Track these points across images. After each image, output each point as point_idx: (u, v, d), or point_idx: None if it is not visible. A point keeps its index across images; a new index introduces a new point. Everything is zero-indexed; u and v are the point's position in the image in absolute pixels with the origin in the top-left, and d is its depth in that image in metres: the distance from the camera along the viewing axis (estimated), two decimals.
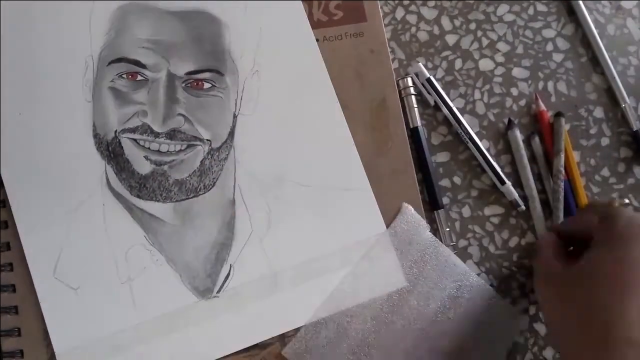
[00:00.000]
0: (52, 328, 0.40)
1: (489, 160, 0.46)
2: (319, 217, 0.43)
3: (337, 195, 0.43)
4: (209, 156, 0.43)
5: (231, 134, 0.43)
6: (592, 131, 0.48)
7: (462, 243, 0.46)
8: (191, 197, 0.42)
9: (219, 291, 0.41)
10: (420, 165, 0.46)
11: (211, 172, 0.43)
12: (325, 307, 0.42)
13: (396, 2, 0.49)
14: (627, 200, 0.46)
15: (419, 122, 0.46)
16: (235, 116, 0.44)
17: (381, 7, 0.48)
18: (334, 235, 0.43)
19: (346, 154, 0.44)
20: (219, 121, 0.43)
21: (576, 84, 0.49)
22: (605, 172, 0.48)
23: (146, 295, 0.41)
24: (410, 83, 0.46)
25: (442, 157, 0.47)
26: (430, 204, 0.45)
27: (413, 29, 0.49)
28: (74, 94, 0.43)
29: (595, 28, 0.49)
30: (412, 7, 0.49)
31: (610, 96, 0.49)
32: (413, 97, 0.46)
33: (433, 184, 0.45)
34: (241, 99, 0.44)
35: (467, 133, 0.46)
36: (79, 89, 0.43)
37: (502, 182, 0.46)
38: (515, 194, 0.46)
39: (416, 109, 0.46)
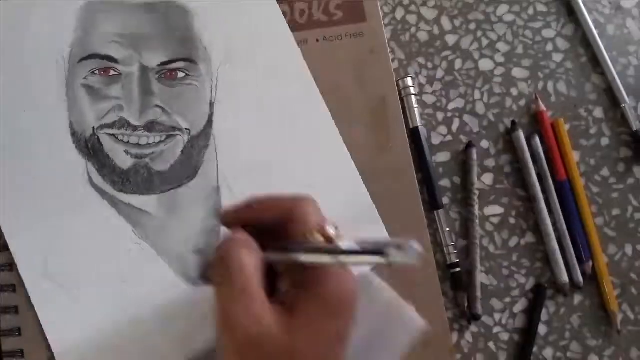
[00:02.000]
0: (47, 328, 0.40)
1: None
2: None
3: (321, 181, 0.43)
4: (189, 145, 0.43)
5: (209, 121, 0.43)
6: (592, 131, 0.48)
7: (462, 243, 0.46)
8: (175, 188, 0.42)
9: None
10: (420, 165, 0.46)
11: (193, 161, 0.43)
12: None
13: (396, 2, 0.49)
14: (333, 230, 0.30)
15: (419, 122, 0.46)
16: (212, 104, 0.44)
17: (381, 7, 0.48)
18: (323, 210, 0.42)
19: (327, 136, 0.44)
20: (196, 109, 0.43)
21: (576, 84, 0.49)
22: (605, 172, 0.48)
23: (139, 288, 0.41)
24: (410, 83, 0.46)
25: (442, 157, 0.47)
26: (430, 204, 0.45)
27: (413, 29, 0.49)
28: (48, 93, 0.43)
29: (595, 28, 0.49)
30: (412, 7, 0.49)
31: (610, 96, 0.49)
32: (413, 97, 0.46)
33: (433, 184, 0.45)
34: (216, 87, 0.44)
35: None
36: (53, 88, 0.43)
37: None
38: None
39: (416, 109, 0.46)
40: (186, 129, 0.43)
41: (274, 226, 0.31)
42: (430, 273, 0.43)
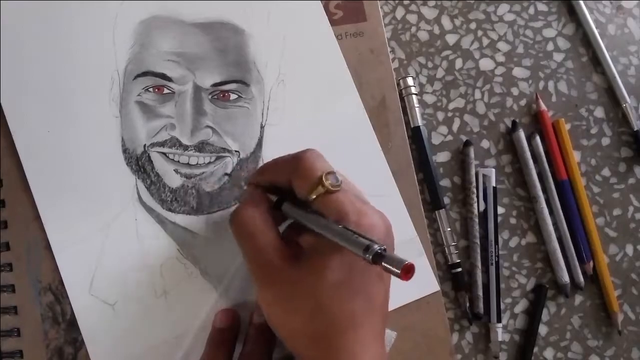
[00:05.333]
0: (90, 345, 0.39)
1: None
2: None
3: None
4: (238, 167, 0.43)
5: (259, 144, 0.43)
6: (593, 131, 0.48)
7: (463, 243, 0.46)
8: (223, 209, 0.42)
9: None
10: (421, 165, 0.46)
11: (241, 183, 0.43)
12: None
13: (396, 1, 0.49)
14: (337, 183, 0.33)
15: (419, 122, 0.46)
16: (262, 126, 0.43)
17: (381, 7, 0.48)
18: None
19: (374, 160, 0.44)
20: (247, 132, 0.43)
21: (577, 84, 0.49)
22: (606, 172, 0.48)
23: (182, 308, 0.40)
24: (411, 82, 0.46)
25: (442, 157, 0.47)
26: (431, 204, 0.45)
27: (413, 29, 0.49)
28: (102, 109, 0.42)
29: (596, 28, 0.49)
30: (413, 7, 0.49)
31: (611, 96, 0.49)
32: (414, 96, 0.46)
33: (434, 184, 0.45)
34: (267, 109, 0.44)
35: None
36: (106, 104, 0.42)
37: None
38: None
39: (417, 109, 0.46)
40: (236, 151, 0.43)
41: (286, 184, 0.34)
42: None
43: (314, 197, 0.32)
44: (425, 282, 0.43)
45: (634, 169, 0.48)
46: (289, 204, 0.35)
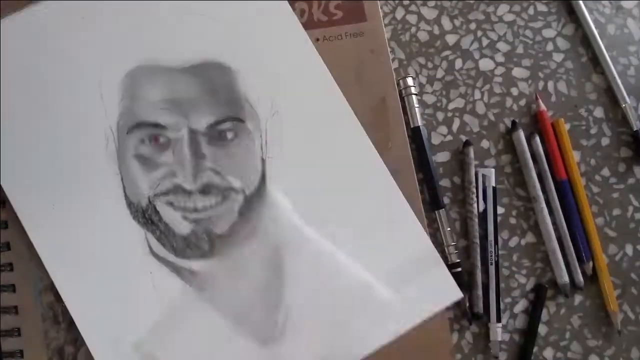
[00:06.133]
0: None
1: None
2: (364, 248, 0.42)
3: (378, 224, 0.43)
4: (245, 205, 0.42)
5: (263, 178, 0.43)
6: (592, 131, 0.48)
7: (462, 243, 0.46)
8: (236, 249, 0.42)
9: (279, 336, 0.41)
10: (421, 165, 0.46)
11: (251, 220, 0.42)
12: (385, 334, 0.41)
13: (396, 2, 0.49)
14: None
15: (419, 122, 0.46)
16: (263, 160, 0.43)
17: (381, 7, 0.48)
18: (380, 262, 0.42)
19: (381, 183, 0.44)
20: (248, 168, 0.43)
21: (576, 84, 0.49)
22: (606, 172, 0.48)
23: (209, 353, 0.40)
24: (411, 83, 0.46)
25: (442, 157, 0.47)
26: (431, 204, 0.45)
27: (413, 29, 0.49)
28: (101, 169, 0.42)
29: (596, 28, 0.49)
30: (412, 7, 0.49)
31: (611, 96, 0.49)
32: (414, 96, 0.46)
33: (434, 184, 0.45)
34: (266, 143, 0.43)
35: None
36: (104, 163, 0.42)
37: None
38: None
39: (417, 109, 0.46)
40: (240, 188, 0.42)
41: None
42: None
43: None
44: (447, 290, 0.43)
45: (634, 169, 0.48)
46: None
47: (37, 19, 0.43)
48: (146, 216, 0.42)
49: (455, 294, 0.43)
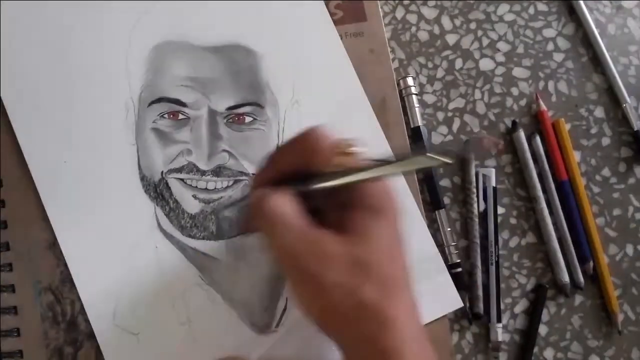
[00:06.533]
0: None
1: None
2: None
3: None
4: None
5: None
6: (593, 131, 0.48)
7: (463, 243, 0.46)
8: (242, 233, 0.42)
9: (277, 325, 0.41)
10: None
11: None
12: None
13: (396, 1, 0.49)
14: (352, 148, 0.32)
15: (420, 122, 0.46)
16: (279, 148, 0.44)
17: (381, 7, 0.48)
18: None
19: (394, 178, 0.44)
20: (263, 154, 0.42)
21: (577, 84, 0.49)
22: (606, 172, 0.48)
23: (206, 334, 0.40)
24: (411, 82, 0.46)
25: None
26: (431, 204, 0.45)
27: (413, 29, 0.49)
28: (118, 138, 0.42)
29: (596, 28, 0.49)
30: (412, 7, 0.49)
31: (611, 96, 0.49)
32: (414, 96, 0.46)
33: (434, 184, 0.45)
34: (283, 130, 0.44)
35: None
36: (122, 132, 0.42)
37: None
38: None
39: (417, 109, 0.46)
40: (253, 174, 0.42)
41: (303, 166, 0.32)
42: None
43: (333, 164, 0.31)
44: (448, 298, 0.43)
45: (634, 169, 0.48)
46: (318, 180, 0.32)
47: None
48: (157, 191, 0.42)
49: (456, 302, 0.43)
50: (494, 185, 0.46)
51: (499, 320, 0.44)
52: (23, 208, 0.42)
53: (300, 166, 0.31)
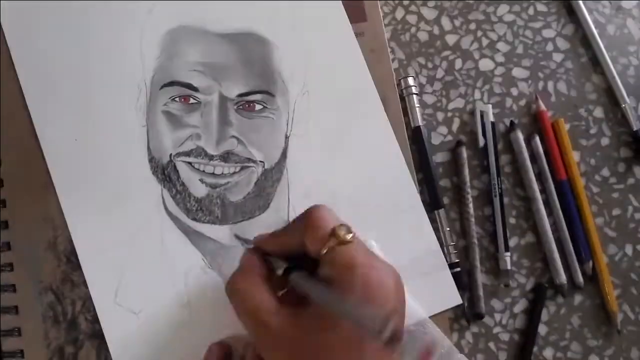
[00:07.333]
0: (115, 353, 0.40)
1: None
2: (373, 239, 0.42)
3: (390, 215, 0.43)
4: (263, 177, 0.43)
5: (284, 154, 0.43)
6: (592, 131, 0.48)
7: (462, 243, 0.46)
8: (247, 219, 0.43)
9: None
10: (421, 165, 0.46)
11: (265, 193, 0.43)
12: None
13: (396, 2, 0.49)
14: (350, 235, 0.33)
15: (420, 122, 0.46)
16: (287, 137, 0.44)
17: (381, 7, 0.48)
18: (387, 254, 0.42)
19: (399, 172, 0.44)
20: (271, 142, 0.43)
21: (576, 84, 0.49)
22: (605, 172, 0.48)
23: (207, 317, 0.40)
24: (411, 82, 0.46)
25: (442, 157, 0.47)
26: (431, 204, 0.45)
27: (413, 29, 0.49)
28: (128, 119, 0.43)
29: (595, 28, 0.49)
30: (412, 7, 0.49)
31: (610, 96, 0.49)
32: (414, 96, 0.46)
33: (433, 184, 0.45)
34: (292, 120, 0.44)
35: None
36: (133, 113, 0.43)
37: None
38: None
39: (417, 109, 0.46)
40: (260, 161, 0.43)
41: (301, 244, 0.33)
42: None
43: (326, 250, 0.32)
44: (448, 295, 0.43)
45: (634, 169, 0.48)
46: (298, 274, 0.33)
47: None
48: (165, 173, 0.42)
49: (455, 299, 0.43)
50: (492, 120, 0.46)
51: (506, 249, 0.44)
52: (24, 208, 0.42)
53: (295, 246, 0.34)
